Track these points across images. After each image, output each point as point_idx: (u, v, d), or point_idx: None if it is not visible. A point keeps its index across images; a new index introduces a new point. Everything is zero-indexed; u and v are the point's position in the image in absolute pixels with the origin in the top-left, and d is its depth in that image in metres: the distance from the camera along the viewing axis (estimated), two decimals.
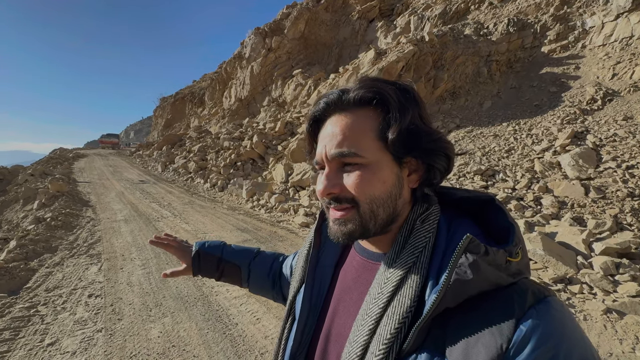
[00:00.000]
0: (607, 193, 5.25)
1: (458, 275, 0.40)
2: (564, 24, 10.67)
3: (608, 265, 3.39)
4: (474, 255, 0.41)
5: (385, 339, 0.43)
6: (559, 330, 0.37)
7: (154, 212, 6.77)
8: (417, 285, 0.44)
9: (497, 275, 0.41)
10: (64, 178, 10.44)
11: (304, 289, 0.62)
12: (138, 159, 20.84)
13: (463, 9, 14.51)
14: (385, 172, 0.48)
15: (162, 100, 40.30)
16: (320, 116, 0.54)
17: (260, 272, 0.88)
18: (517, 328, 0.38)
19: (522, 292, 0.41)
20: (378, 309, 0.45)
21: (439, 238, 0.48)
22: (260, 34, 20.51)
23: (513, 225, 0.46)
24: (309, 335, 0.58)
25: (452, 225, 0.49)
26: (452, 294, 0.41)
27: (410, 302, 0.43)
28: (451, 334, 0.41)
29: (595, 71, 8.95)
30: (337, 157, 0.49)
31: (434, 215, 0.51)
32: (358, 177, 0.48)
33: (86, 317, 2.68)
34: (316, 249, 0.65)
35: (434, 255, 0.47)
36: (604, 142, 6.47)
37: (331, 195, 0.50)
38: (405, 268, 0.47)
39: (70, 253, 4.15)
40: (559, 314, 0.39)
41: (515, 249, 0.43)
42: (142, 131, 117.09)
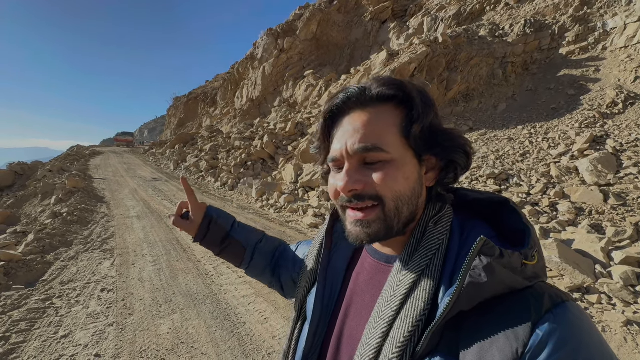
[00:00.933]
0: (627, 200, 5.05)
1: (472, 278, 0.40)
2: (583, 25, 10.36)
3: (628, 275, 3.26)
4: (489, 258, 0.40)
5: (398, 342, 0.42)
6: (577, 336, 0.36)
7: (166, 209, 6.88)
8: (430, 288, 0.44)
9: (513, 278, 0.40)
10: (81, 174, 10.74)
11: (315, 291, 0.60)
12: (151, 157, 21.27)
13: (478, 10, 14.27)
14: (408, 169, 0.48)
15: (176, 100, 41.09)
16: (337, 111, 0.52)
17: (264, 258, 0.84)
18: (533, 332, 0.37)
19: (539, 296, 0.40)
20: (391, 312, 0.45)
21: (452, 240, 0.47)
22: (272, 35, 20.67)
23: (529, 227, 0.45)
24: (321, 337, 0.57)
25: (466, 228, 0.48)
26: (466, 297, 0.40)
27: (424, 305, 0.43)
28: (465, 338, 0.40)
29: (616, 74, 8.65)
30: (360, 152, 0.47)
31: (447, 216, 0.50)
32: (384, 173, 0.47)
33: (99, 311, 2.73)
34: (327, 250, 0.64)
35: (447, 258, 0.46)
36: (625, 147, 6.24)
37: (353, 193, 0.48)
38: (418, 271, 0.46)
39: (85, 248, 4.25)
40: (577, 319, 0.38)
41: (531, 252, 0.42)
42: (155, 130, 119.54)
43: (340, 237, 0.64)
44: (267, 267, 0.84)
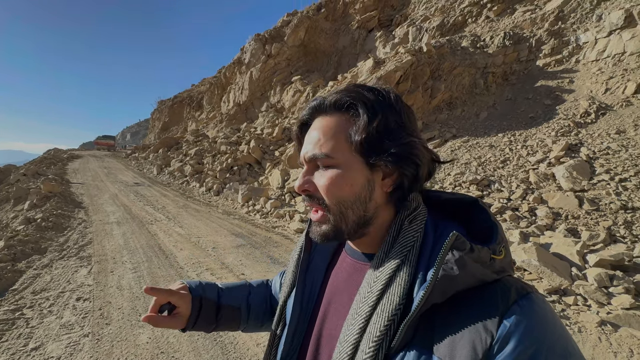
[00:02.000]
0: (600, 205, 5.29)
1: (445, 271, 0.41)
2: (558, 39, 10.90)
3: (602, 277, 3.40)
4: (460, 252, 0.42)
5: (375, 336, 0.43)
6: (541, 325, 0.39)
7: (148, 215, 6.68)
8: (405, 283, 0.45)
9: (482, 271, 0.43)
10: (57, 179, 10.31)
11: (294, 293, 0.61)
12: (134, 161, 20.69)
13: (460, 21, 14.79)
14: (353, 175, 0.50)
15: (160, 103, 40.29)
16: (307, 120, 0.57)
17: (259, 307, 0.78)
18: (501, 323, 0.39)
19: (506, 289, 0.42)
20: (368, 308, 0.46)
21: (427, 238, 0.49)
22: (260, 40, 20.69)
23: (496, 224, 0.47)
24: (299, 339, 0.58)
25: (439, 226, 0.50)
26: (439, 289, 0.41)
27: (399, 300, 0.44)
28: (438, 330, 0.42)
29: (588, 85, 9.12)
30: (311, 158, 0.52)
31: (422, 216, 0.51)
32: (327, 178, 0.50)
33: (73, 321, 2.60)
34: (307, 253, 0.65)
35: (421, 254, 0.47)
36: (598, 155, 6.55)
37: (305, 192, 0.53)
38: (393, 267, 0.47)
39: (60, 255, 4.06)
40: (541, 310, 0.40)
41: (498, 247, 0.45)
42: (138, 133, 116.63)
43: None
44: (264, 315, 0.80)
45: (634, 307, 2.99)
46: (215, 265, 3.96)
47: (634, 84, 8.07)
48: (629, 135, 6.94)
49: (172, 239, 5.01)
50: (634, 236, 4.48)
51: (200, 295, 0.71)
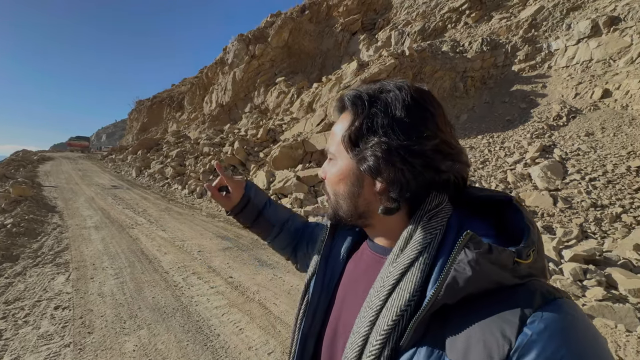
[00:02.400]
0: (573, 203, 5.60)
1: (456, 271, 0.40)
2: (532, 45, 11.46)
3: (577, 271, 3.59)
4: (474, 252, 0.40)
5: (382, 330, 0.43)
6: (570, 335, 0.35)
7: (128, 218, 6.44)
8: (417, 279, 0.44)
9: (500, 274, 0.40)
10: (28, 182, 9.74)
11: (316, 275, 0.66)
12: (110, 163, 19.87)
13: (440, 27, 15.25)
14: (344, 171, 0.54)
15: (139, 103, 38.95)
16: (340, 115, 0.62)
17: (288, 236, 0.91)
18: (521, 331, 0.36)
19: (530, 293, 0.39)
20: (379, 301, 0.46)
21: (448, 236, 0.48)
22: (243, 41, 20.47)
23: (529, 226, 0.44)
24: (319, 320, 0.62)
25: (465, 224, 0.49)
26: (449, 290, 0.40)
27: (409, 296, 0.43)
28: (451, 332, 0.40)
29: (560, 90, 9.64)
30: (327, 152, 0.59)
31: (444, 213, 0.49)
32: (328, 171, 0.58)
33: (52, 331, 2.46)
34: (330, 240, 0.68)
35: (440, 252, 0.46)
36: (569, 156, 6.93)
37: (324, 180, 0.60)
38: (407, 263, 0.46)
39: (34, 262, 3.83)
40: (570, 317, 0.36)
41: (526, 251, 0.41)
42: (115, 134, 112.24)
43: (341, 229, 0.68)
44: (289, 245, 0.92)
45: (606, 298, 3.18)
46: (202, 269, 3.88)
47: (601, 89, 8.61)
48: (597, 137, 7.39)
49: (155, 243, 4.85)
50: (604, 232, 4.77)
51: (249, 196, 0.89)
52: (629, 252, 4.06)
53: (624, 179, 5.82)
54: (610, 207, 5.24)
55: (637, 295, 3.21)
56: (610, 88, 8.50)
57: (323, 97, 12.51)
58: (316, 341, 0.62)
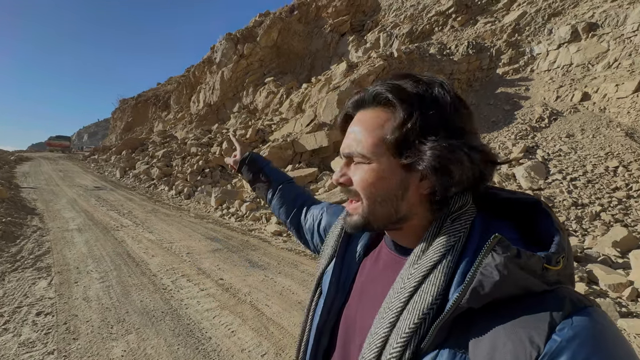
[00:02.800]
0: (555, 202, 5.79)
1: (483, 275, 0.39)
2: (515, 49, 11.81)
3: None
4: (502, 257, 0.38)
5: (404, 332, 0.42)
6: (599, 345, 0.34)
7: (113, 220, 6.26)
8: (440, 282, 0.43)
9: (528, 280, 0.39)
10: (4, 183, 9.32)
11: (332, 271, 0.64)
12: (93, 163, 19.27)
13: (428, 30, 15.52)
14: (386, 174, 0.49)
15: (122, 102, 37.89)
16: (351, 113, 0.56)
17: (284, 198, 0.99)
18: (550, 337, 0.35)
19: (560, 300, 0.38)
20: (399, 303, 0.45)
21: (472, 238, 0.46)
22: (232, 40, 20.25)
23: (559, 231, 0.43)
24: (334, 315, 0.61)
25: (490, 227, 0.47)
26: (475, 295, 0.39)
27: (432, 299, 0.43)
28: (475, 336, 0.39)
29: (542, 93, 9.97)
30: (347, 155, 0.53)
31: (467, 215, 0.48)
32: (361, 175, 0.51)
33: (34, 339, 2.36)
34: (347, 236, 0.67)
35: (463, 255, 0.45)
36: (551, 157, 7.17)
37: (340, 186, 0.54)
38: (429, 265, 0.45)
39: (13, 267, 3.67)
40: (601, 327, 0.35)
41: (555, 257, 0.40)
42: (97, 134, 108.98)
43: None
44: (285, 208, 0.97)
45: (587, 293, 3.30)
46: (192, 271, 3.81)
47: (580, 92, 8.95)
48: (577, 138, 7.67)
49: (142, 246, 4.73)
50: (584, 230, 4.96)
51: (250, 154, 1.08)
52: (607, 249, 4.23)
53: (603, 179, 6.07)
54: (590, 205, 5.44)
55: (617, 290, 3.35)
56: (589, 91, 8.85)
57: (312, 97, 12.51)
58: (329, 338, 0.61)
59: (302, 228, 0.92)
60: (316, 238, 0.86)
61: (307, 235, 0.90)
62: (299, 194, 1.00)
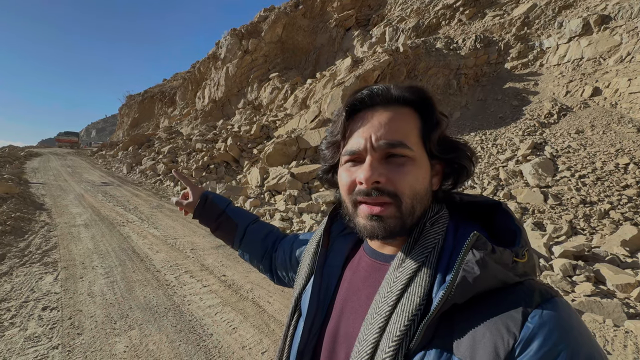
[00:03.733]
0: (563, 200, 5.69)
1: (465, 271, 0.41)
2: (524, 43, 11.54)
3: (567, 267, 3.66)
4: (481, 253, 0.42)
5: (395, 336, 0.43)
6: (566, 329, 0.38)
7: (119, 216, 6.33)
8: (425, 283, 0.45)
9: (504, 273, 0.42)
10: (14, 178, 9.50)
11: (311, 288, 0.62)
12: (100, 159, 19.52)
13: (434, 24, 15.25)
14: (424, 170, 0.51)
15: (129, 98, 38.22)
16: (359, 105, 0.53)
17: (255, 239, 0.89)
18: (524, 325, 0.38)
19: (530, 291, 0.42)
20: (388, 307, 0.46)
21: (447, 240, 0.50)
22: (236, 36, 20.19)
23: (520, 228, 0.47)
24: (315, 334, 0.58)
25: (460, 228, 0.51)
26: (460, 290, 0.41)
27: (420, 300, 0.44)
28: (458, 330, 0.42)
29: (551, 88, 9.75)
30: (385, 147, 0.49)
31: (444, 218, 0.52)
32: (406, 170, 0.48)
33: (39, 333, 2.41)
34: (324, 249, 0.65)
35: (442, 256, 0.48)
36: (560, 153, 7.03)
37: (375, 185, 0.49)
38: (414, 267, 0.47)
39: (21, 261, 3.74)
40: (565, 314, 0.40)
41: (521, 250, 0.45)
42: (105, 130, 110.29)
43: (336, 236, 0.67)
44: (257, 249, 0.88)
45: (594, 293, 3.24)
46: (195, 267, 3.84)
47: (591, 87, 8.73)
48: (587, 135, 7.50)
49: (147, 241, 4.78)
50: (592, 228, 4.86)
51: (207, 195, 0.94)
52: (616, 248, 4.15)
53: (613, 176, 5.93)
54: (599, 203, 5.33)
55: (625, 291, 3.28)
56: (600, 86, 8.63)
57: (317, 93, 12.44)
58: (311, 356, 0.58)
59: (275, 267, 0.86)
60: (291, 272, 0.81)
61: (281, 272, 0.84)
62: (269, 232, 0.91)
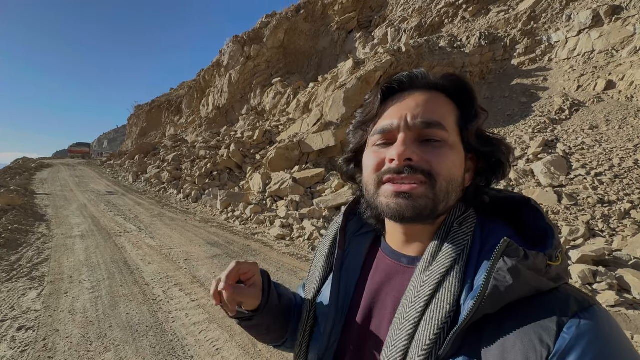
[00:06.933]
0: (578, 200, 5.34)
1: (497, 280, 0.39)
2: (531, 38, 11.17)
3: (586, 274, 3.34)
4: (513, 260, 0.39)
5: (424, 344, 0.41)
6: (606, 341, 0.35)
7: (117, 226, 6.25)
8: (455, 289, 0.43)
9: (538, 279, 0.40)
10: (20, 190, 9.59)
11: (330, 293, 0.57)
12: (109, 168, 19.77)
13: (437, 22, 14.99)
14: (460, 157, 0.49)
15: (138, 108, 38.94)
16: (397, 87, 0.51)
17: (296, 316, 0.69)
18: (559, 336, 0.36)
19: (565, 299, 0.39)
20: (416, 313, 0.44)
21: (474, 241, 0.47)
22: (239, 42, 20.30)
23: (552, 227, 0.44)
24: (336, 340, 0.55)
25: (485, 227, 0.48)
26: (490, 300, 0.39)
27: (449, 308, 0.42)
28: (487, 339, 0.40)
29: (561, 83, 9.36)
30: (421, 126, 0.47)
31: (472, 217, 0.49)
32: (443, 151, 0.47)
33: (9, 357, 2.25)
34: (341, 250, 0.61)
35: (469, 259, 0.45)
36: (573, 150, 6.66)
37: (407, 163, 0.46)
38: (442, 271, 0.45)
39: (8, 276, 3.62)
40: (605, 324, 0.37)
41: (555, 253, 0.41)
42: (116, 140, 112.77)
43: (352, 236, 0.62)
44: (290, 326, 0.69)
45: (618, 303, 2.93)
46: (185, 280, 3.66)
47: (604, 80, 8.33)
48: (602, 130, 7.11)
49: (141, 252, 4.65)
50: (612, 229, 4.51)
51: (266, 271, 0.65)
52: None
53: (632, 173, 5.55)
54: (619, 203, 4.97)
55: None
56: (614, 79, 8.22)
57: (319, 96, 12.29)
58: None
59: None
60: None
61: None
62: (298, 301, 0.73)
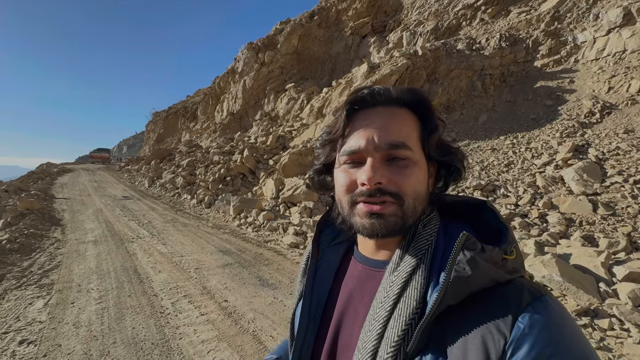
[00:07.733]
0: (616, 209, 4.90)
1: (457, 271, 0.40)
2: (555, 39, 10.69)
3: (637, 294, 2.96)
4: (471, 252, 0.41)
5: (393, 341, 0.42)
6: (558, 328, 0.37)
7: (131, 231, 6.20)
8: (421, 286, 0.44)
9: (495, 271, 0.42)
10: (40, 194, 9.81)
11: (302, 302, 0.59)
12: (126, 174, 20.19)
13: (455, 25, 14.65)
14: (424, 172, 0.51)
15: (155, 114, 39.96)
16: (360, 104, 0.52)
17: None
18: (514, 325, 0.37)
19: (519, 290, 0.41)
20: (385, 312, 0.45)
21: (438, 240, 0.49)
22: (253, 49, 20.51)
23: (506, 226, 0.47)
24: (308, 349, 0.56)
25: (449, 228, 0.51)
26: (453, 291, 0.40)
27: (416, 303, 0.43)
28: (450, 332, 0.41)
29: (590, 85, 8.84)
30: (387, 147, 0.48)
31: (435, 220, 0.52)
32: (409, 171, 0.48)
33: None
34: (314, 260, 0.63)
35: (434, 257, 0.47)
36: (607, 156, 6.20)
37: (377, 186, 0.48)
38: (409, 270, 0.46)
39: (18, 283, 3.56)
40: (556, 312, 0.38)
41: (509, 248, 0.44)
42: (135, 146, 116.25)
43: (326, 247, 0.64)
44: None
45: None
46: (195, 290, 3.49)
47: (638, 82, 7.80)
48: (638, 134, 6.60)
49: (152, 259, 4.54)
50: None
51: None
52: None
53: None
54: None
55: None
56: None
57: (333, 101, 12.13)
58: None
59: None
60: None
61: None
62: None
